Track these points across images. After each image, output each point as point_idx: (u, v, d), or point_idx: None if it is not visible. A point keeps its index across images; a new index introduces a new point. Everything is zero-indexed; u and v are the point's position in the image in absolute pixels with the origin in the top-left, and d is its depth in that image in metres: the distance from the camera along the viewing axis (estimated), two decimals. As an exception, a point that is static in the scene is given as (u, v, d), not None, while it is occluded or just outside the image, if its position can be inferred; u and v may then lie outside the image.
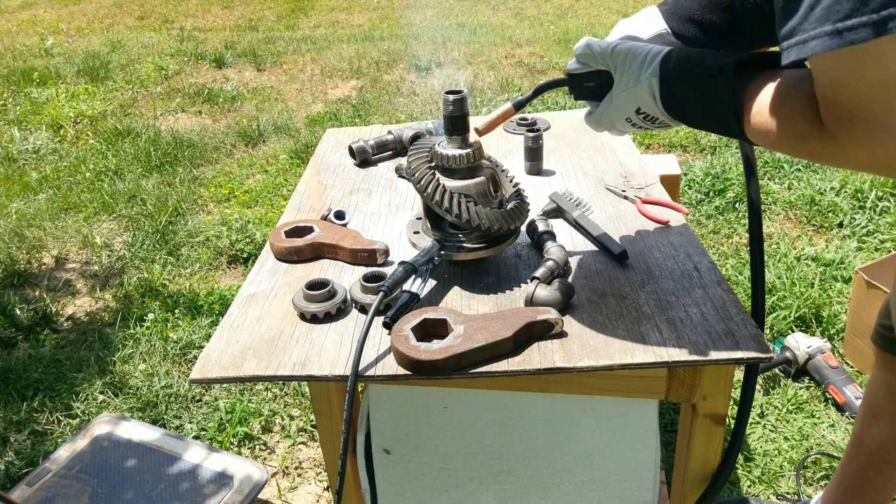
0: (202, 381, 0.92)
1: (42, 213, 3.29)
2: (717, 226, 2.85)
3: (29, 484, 1.67)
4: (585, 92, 0.98)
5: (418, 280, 1.01)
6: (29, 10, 8.13)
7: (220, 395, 2.12)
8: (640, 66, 0.88)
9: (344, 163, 1.56)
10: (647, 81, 0.87)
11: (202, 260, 2.84)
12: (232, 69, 5.53)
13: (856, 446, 1.41)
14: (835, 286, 2.38)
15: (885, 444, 1.34)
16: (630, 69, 0.90)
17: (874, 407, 1.36)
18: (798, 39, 0.63)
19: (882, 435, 1.34)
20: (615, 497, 1.12)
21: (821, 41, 0.60)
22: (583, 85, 0.97)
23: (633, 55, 0.90)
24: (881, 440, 1.35)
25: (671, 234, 1.17)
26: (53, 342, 2.40)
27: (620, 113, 0.94)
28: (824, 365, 1.97)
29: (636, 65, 0.89)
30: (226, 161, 3.85)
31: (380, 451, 1.14)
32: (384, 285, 0.98)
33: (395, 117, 4.24)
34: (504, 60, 5.34)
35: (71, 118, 4.47)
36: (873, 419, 1.36)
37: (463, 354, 0.88)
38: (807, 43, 0.62)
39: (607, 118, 0.96)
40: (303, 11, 7.61)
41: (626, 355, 0.89)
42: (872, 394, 1.37)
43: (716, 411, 0.99)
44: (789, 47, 0.64)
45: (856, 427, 1.42)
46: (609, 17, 6.72)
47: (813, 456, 1.78)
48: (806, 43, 0.62)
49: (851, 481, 1.43)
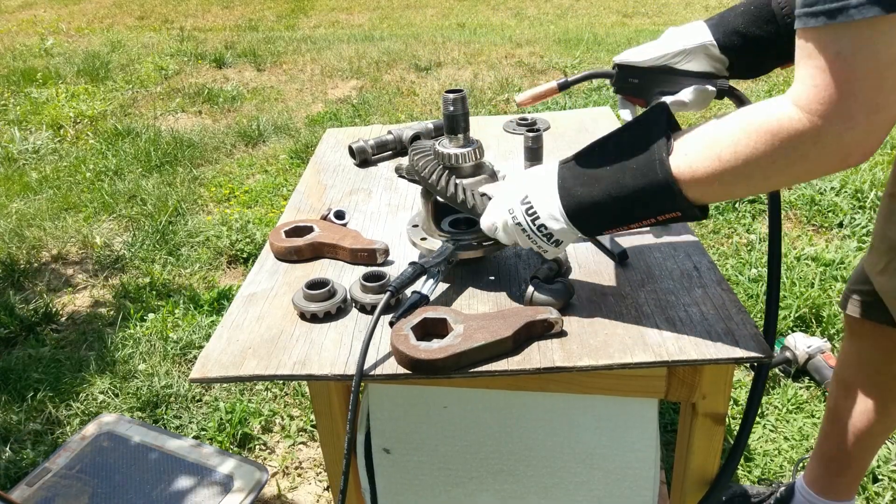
0: (202, 380, 0.92)
1: (42, 213, 3.29)
2: (717, 226, 2.85)
3: (29, 484, 1.67)
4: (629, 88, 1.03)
5: (430, 281, 1.01)
6: (29, 10, 8.13)
7: (220, 395, 2.12)
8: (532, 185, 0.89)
9: (344, 163, 1.56)
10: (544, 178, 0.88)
11: (202, 260, 2.84)
12: (232, 69, 5.53)
13: (831, 422, 1.42)
14: (835, 286, 2.38)
15: (860, 414, 1.36)
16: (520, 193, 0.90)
17: (846, 380, 1.38)
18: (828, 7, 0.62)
19: (856, 406, 1.36)
20: (615, 497, 1.12)
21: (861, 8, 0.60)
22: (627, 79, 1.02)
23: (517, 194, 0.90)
24: (857, 411, 1.36)
25: (671, 233, 1.17)
26: (53, 342, 2.40)
27: (507, 203, 0.92)
28: (824, 365, 1.98)
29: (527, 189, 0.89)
30: (226, 161, 3.85)
31: (380, 450, 1.14)
32: (391, 285, 0.98)
33: (396, 117, 4.24)
34: (504, 60, 5.34)
35: (71, 118, 4.47)
36: (846, 392, 1.38)
37: (463, 354, 0.88)
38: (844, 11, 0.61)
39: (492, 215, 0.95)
40: (303, 11, 7.62)
41: (626, 355, 0.89)
42: (842, 366, 1.39)
43: (715, 411, 0.99)
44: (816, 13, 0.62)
45: (829, 402, 1.43)
46: (608, 17, 6.73)
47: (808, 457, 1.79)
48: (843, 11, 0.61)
49: (831, 457, 1.45)
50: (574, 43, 5.65)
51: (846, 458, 1.42)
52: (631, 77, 1.01)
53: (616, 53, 1.05)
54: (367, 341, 0.89)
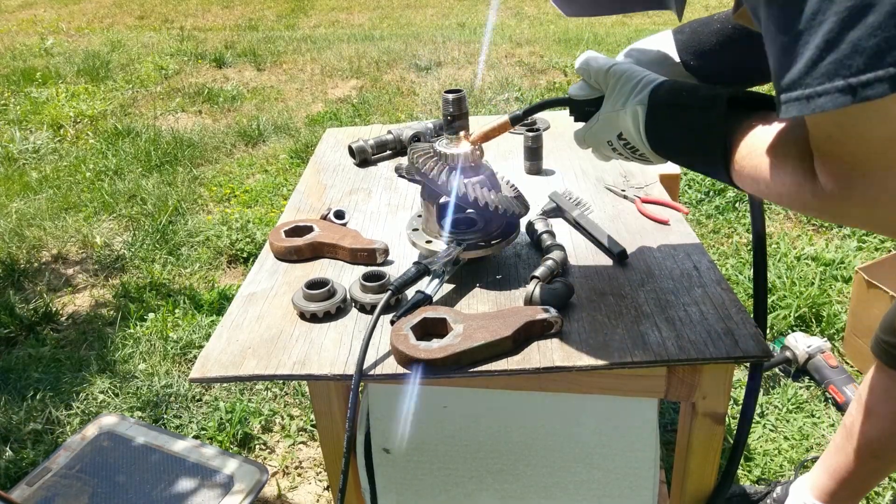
0: (202, 380, 0.92)
1: (42, 212, 3.29)
2: (717, 225, 2.85)
3: (29, 484, 1.67)
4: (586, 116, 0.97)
5: (434, 281, 1.01)
6: (29, 10, 8.13)
7: (220, 395, 2.12)
8: (630, 91, 0.86)
9: (344, 162, 1.56)
10: (633, 108, 0.85)
11: (202, 259, 2.84)
12: (232, 69, 5.53)
13: (845, 437, 1.42)
14: (835, 286, 2.38)
15: (874, 440, 1.35)
16: (620, 93, 0.88)
17: (868, 404, 1.37)
18: (801, 94, 0.56)
19: (872, 432, 1.35)
20: (615, 496, 1.12)
21: (831, 98, 0.54)
22: (584, 109, 0.96)
23: (626, 79, 0.87)
24: (871, 437, 1.35)
25: (671, 233, 1.17)
26: (53, 342, 2.40)
27: (603, 135, 0.92)
28: (824, 365, 1.98)
29: (626, 89, 0.87)
30: (226, 161, 3.85)
31: (380, 450, 1.14)
32: (392, 284, 0.98)
33: (395, 117, 4.24)
34: (504, 60, 5.34)
35: (71, 118, 4.47)
36: (866, 415, 1.37)
37: (462, 353, 0.88)
38: (813, 99, 0.55)
39: (591, 137, 0.95)
40: (303, 11, 7.62)
41: (626, 354, 0.89)
42: (868, 391, 1.38)
43: (715, 410, 0.99)
44: (789, 101, 0.58)
45: (846, 418, 1.42)
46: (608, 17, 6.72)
47: (813, 457, 1.78)
48: (812, 99, 0.55)
49: (837, 469, 1.44)
50: (574, 43, 5.65)
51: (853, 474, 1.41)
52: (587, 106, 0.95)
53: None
54: (367, 340, 0.89)
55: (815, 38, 0.54)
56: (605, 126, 0.91)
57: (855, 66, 0.52)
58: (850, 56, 0.52)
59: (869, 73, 0.51)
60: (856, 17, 0.51)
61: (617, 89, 0.88)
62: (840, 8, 0.52)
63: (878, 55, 0.51)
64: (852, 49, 0.52)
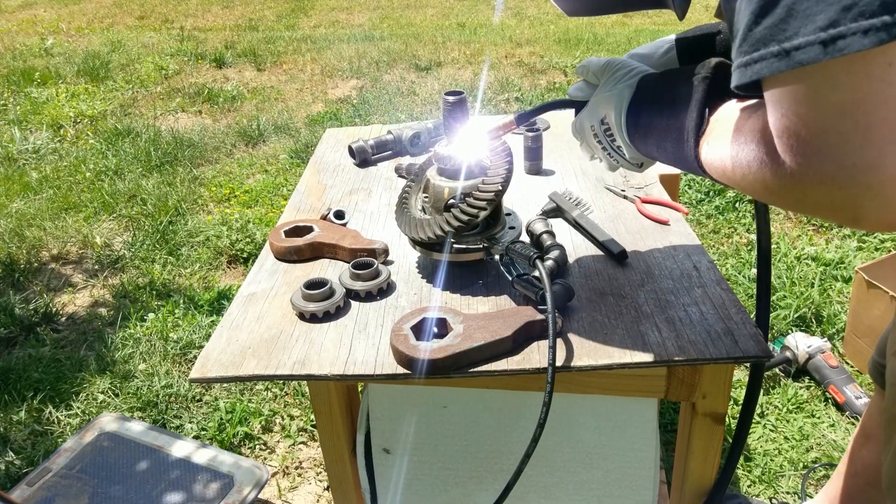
0: (202, 380, 0.92)
1: (42, 212, 3.29)
2: (717, 225, 2.85)
3: (29, 484, 1.67)
4: None
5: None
6: (29, 10, 8.13)
7: (221, 395, 2.12)
8: (622, 77, 0.89)
9: (344, 162, 1.56)
10: (620, 89, 0.87)
11: (202, 260, 2.84)
12: (232, 69, 5.53)
13: (846, 464, 1.42)
14: (835, 286, 2.38)
15: (871, 467, 1.35)
16: (612, 78, 0.90)
17: (867, 429, 1.37)
18: (741, 62, 0.56)
19: (870, 457, 1.35)
20: (615, 496, 1.12)
21: (767, 63, 0.53)
22: None
23: (621, 66, 0.90)
24: (868, 462, 1.35)
25: (670, 233, 1.17)
26: (53, 342, 2.40)
27: (587, 119, 0.94)
28: (824, 365, 1.98)
29: (619, 75, 0.89)
30: (226, 161, 3.85)
31: (380, 450, 1.14)
32: (536, 254, 0.96)
33: (396, 117, 4.24)
34: (504, 60, 5.34)
35: (71, 118, 4.47)
36: (865, 440, 1.37)
37: (462, 353, 0.88)
38: (750, 66, 0.55)
39: (578, 123, 0.97)
40: (303, 11, 7.61)
41: (626, 355, 0.89)
42: (868, 416, 1.38)
43: (715, 410, 0.99)
44: (735, 69, 0.57)
45: (850, 445, 1.43)
46: (608, 17, 6.72)
47: (822, 465, 1.79)
48: (749, 66, 0.55)
49: (834, 496, 1.44)
50: (574, 43, 5.65)
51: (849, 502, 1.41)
52: None
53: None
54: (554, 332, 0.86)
55: (753, 4, 0.53)
56: (591, 109, 0.93)
57: (790, 30, 0.51)
58: (784, 20, 0.51)
59: (800, 38, 0.50)
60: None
61: (610, 75, 0.91)
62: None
63: (810, 18, 0.49)
64: (786, 12, 0.51)
